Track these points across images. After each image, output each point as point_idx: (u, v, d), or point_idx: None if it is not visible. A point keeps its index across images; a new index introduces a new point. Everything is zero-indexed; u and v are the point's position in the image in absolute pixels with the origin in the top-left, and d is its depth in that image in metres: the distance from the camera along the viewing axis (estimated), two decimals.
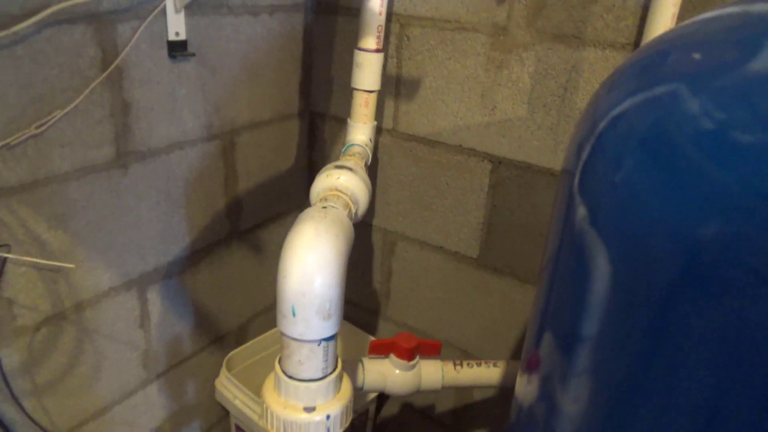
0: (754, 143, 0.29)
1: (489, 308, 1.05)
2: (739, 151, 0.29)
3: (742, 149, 0.29)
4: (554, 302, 0.48)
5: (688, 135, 0.32)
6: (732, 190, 0.28)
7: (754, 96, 0.30)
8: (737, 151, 0.29)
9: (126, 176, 0.83)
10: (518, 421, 0.56)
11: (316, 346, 0.55)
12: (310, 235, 0.53)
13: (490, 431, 1.17)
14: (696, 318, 0.30)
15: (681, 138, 0.32)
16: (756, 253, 0.26)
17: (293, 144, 1.16)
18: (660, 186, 0.32)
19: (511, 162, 0.94)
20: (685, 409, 0.33)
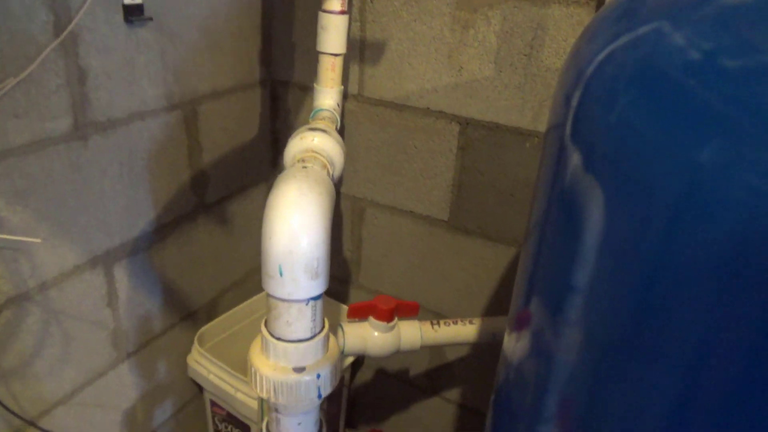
0: (741, 67, 0.30)
1: (461, 270, 1.06)
2: (727, 75, 0.30)
3: (730, 74, 0.30)
4: (545, 259, 0.48)
5: (677, 66, 0.33)
6: (725, 112, 0.29)
7: (736, 23, 0.31)
8: (726, 76, 0.30)
9: (86, 149, 0.80)
10: (507, 382, 0.57)
11: (305, 306, 0.54)
12: (293, 194, 0.53)
13: (463, 390, 1.19)
14: (695, 249, 0.31)
15: (670, 70, 0.33)
16: (753, 169, 0.27)
17: (256, 114, 1.14)
18: (655, 117, 0.33)
19: (479, 123, 0.94)
20: (682, 354, 0.34)
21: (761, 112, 0.27)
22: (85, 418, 0.93)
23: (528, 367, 0.51)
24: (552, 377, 0.46)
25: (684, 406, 0.34)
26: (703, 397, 0.33)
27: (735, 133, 0.28)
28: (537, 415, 0.48)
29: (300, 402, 0.58)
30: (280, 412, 0.60)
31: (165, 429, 1.12)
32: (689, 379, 0.34)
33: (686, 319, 0.33)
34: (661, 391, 0.35)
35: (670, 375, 0.35)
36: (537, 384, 0.48)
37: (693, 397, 0.34)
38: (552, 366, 0.46)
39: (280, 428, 0.61)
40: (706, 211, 0.29)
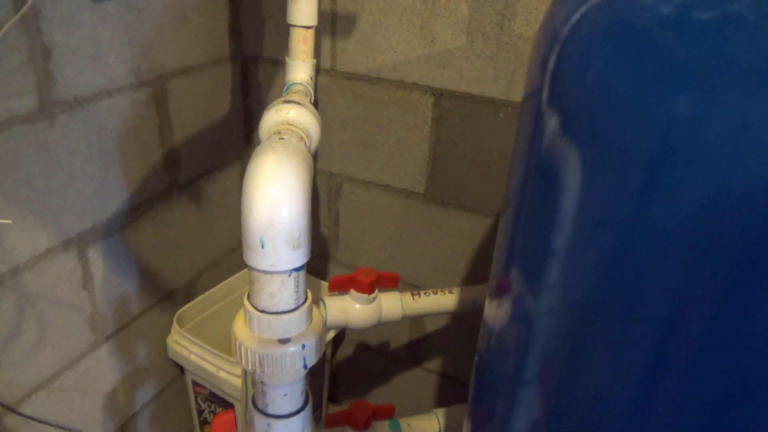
0: (712, 18, 0.30)
1: (438, 241, 1.07)
2: (700, 27, 0.31)
3: (702, 26, 0.31)
4: (524, 226, 0.48)
5: (650, 21, 0.34)
6: (698, 64, 0.30)
7: None
8: (698, 28, 0.31)
9: (54, 128, 0.78)
10: (489, 348, 0.58)
11: (287, 277, 0.54)
12: (272, 165, 0.52)
13: (443, 360, 1.21)
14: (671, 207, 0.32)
15: (644, 25, 0.34)
16: (727, 119, 0.28)
17: (227, 90, 1.12)
18: (630, 73, 0.33)
19: (453, 93, 0.94)
20: (659, 314, 0.35)
21: (733, 61, 0.28)
22: (65, 403, 0.92)
23: (509, 332, 0.52)
24: (532, 341, 0.47)
25: (660, 365, 0.35)
26: (679, 357, 0.34)
27: (709, 83, 0.29)
28: (519, 379, 0.49)
29: (286, 373, 0.58)
30: (266, 384, 0.60)
31: (147, 410, 1.12)
32: (666, 339, 0.35)
33: (663, 279, 0.34)
34: (639, 351, 0.36)
35: (647, 335, 0.36)
36: (518, 349, 0.49)
37: (669, 356, 0.35)
38: (532, 330, 0.47)
39: (266, 400, 0.62)
40: (682, 164, 0.30)
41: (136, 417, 1.09)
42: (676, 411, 0.36)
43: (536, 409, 0.47)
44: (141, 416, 1.10)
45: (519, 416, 0.49)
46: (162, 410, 1.16)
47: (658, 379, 0.36)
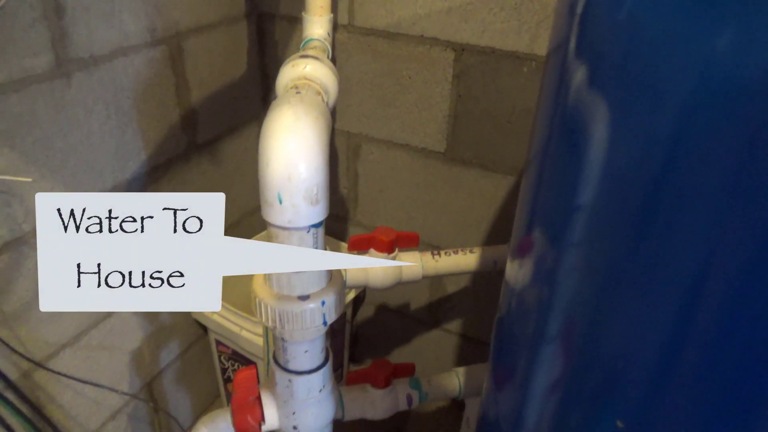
0: None
1: (459, 201, 1.06)
2: None
3: None
4: (547, 184, 0.47)
5: None
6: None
7: None
8: None
9: (70, 87, 0.77)
10: (510, 308, 0.57)
11: (306, 234, 0.54)
12: (289, 119, 0.51)
13: (463, 321, 1.21)
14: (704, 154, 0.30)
15: None
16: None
17: (243, 49, 1.10)
18: (666, 9, 0.31)
19: (475, 48, 0.91)
20: (685, 273, 0.33)
21: None
22: (92, 360, 0.94)
23: (531, 292, 0.51)
24: (555, 300, 0.46)
25: (685, 326, 0.34)
26: (705, 318, 0.33)
27: (752, 15, 0.27)
28: (540, 339, 0.49)
29: (306, 330, 0.58)
30: (287, 341, 0.60)
31: (172, 369, 1.14)
32: (693, 300, 0.34)
33: (694, 236, 0.32)
34: (664, 311, 0.35)
35: (673, 295, 0.34)
36: (540, 308, 0.48)
37: (695, 317, 0.34)
38: (555, 290, 0.46)
39: (287, 357, 0.62)
40: (722, 106, 0.28)
41: (162, 375, 1.12)
42: (700, 372, 0.34)
43: (557, 369, 0.46)
44: (166, 374, 1.13)
45: (540, 375, 0.48)
46: (186, 369, 1.18)
47: (682, 340, 0.35)
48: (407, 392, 0.82)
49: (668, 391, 0.36)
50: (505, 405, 0.54)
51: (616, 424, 0.37)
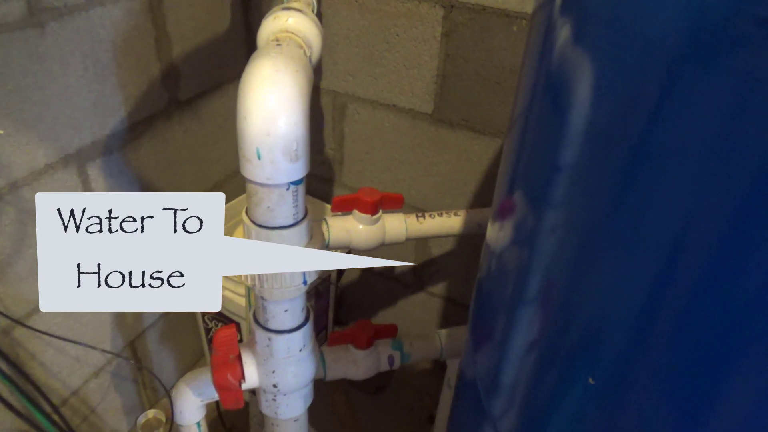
0: None
1: (445, 164, 1.05)
2: None
3: None
4: (530, 144, 0.46)
5: None
6: None
7: None
8: None
9: (44, 37, 0.74)
10: (490, 269, 0.57)
11: (285, 191, 0.53)
12: (268, 71, 0.49)
13: (448, 284, 1.22)
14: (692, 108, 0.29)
15: None
16: None
17: (227, 3, 1.06)
18: None
19: (464, 5, 0.89)
20: (664, 234, 0.33)
21: None
22: (73, 318, 0.93)
23: (510, 253, 0.50)
24: (534, 262, 0.45)
25: (663, 289, 0.34)
26: (683, 281, 0.33)
27: None
28: (518, 300, 0.48)
29: (286, 288, 0.58)
30: (267, 300, 0.60)
31: (156, 328, 1.14)
32: (671, 262, 0.33)
33: (674, 198, 0.32)
34: (642, 274, 0.35)
35: (651, 257, 0.34)
36: (519, 269, 0.48)
37: (673, 280, 0.33)
38: (534, 251, 0.45)
39: (267, 316, 0.62)
40: (708, 56, 0.27)
41: (145, 334, 1.11)
42: (676, 336, 0.34)
43: (535, 330, 0.46)
44: (150, 333, 1.13)
45: (518, 336, 0.49)
46: (170, 328, 1.18)
47: (659, 303, 0.34)
48: (389, 353, 0.83)
49: (642, 352, 0.36)
50: (483, 365, 0.55)
51: (588, 381, 0.38)
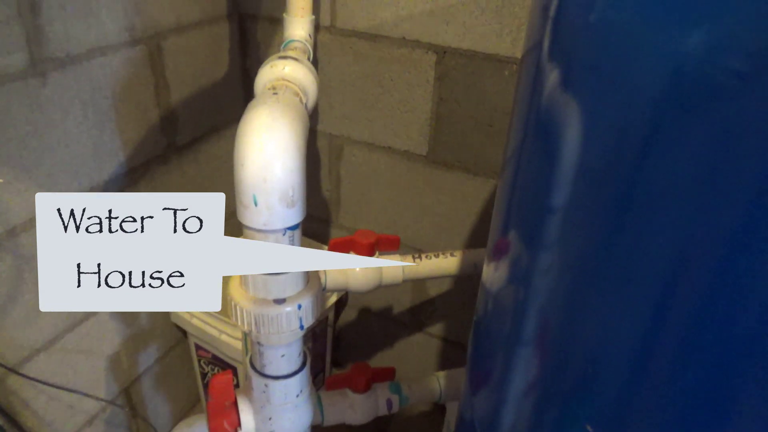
0: None
1: (441, 204, 1.06)
2: None
3: None
4: (522, 185, 0.47)
5: None
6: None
7: None
8: None
9: (45, 86, 0.76)
10: (487, 310, 0.57)
11: (282, 236, 0.53)
12: (265, 119, 0.50)
13: (446, 325, 1.21)
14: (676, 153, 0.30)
15: None
16: (743, 52, 0.26)
17: (224, 50, 1.09)
18: (637, 9, 0.31)
19: (457, 51, 0.91)
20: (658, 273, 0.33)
21: None
22: (68, 364, 0.92)
23: (506, 293, 0.51)
24: (530, 302, 0.46)
25: (659, 326, 0.34)
26: (679, 318, 0.33)
27: (725, 16, 0.27)
28: (516, 340, 0.48)
29: (282, 333, 0.58)
30: (263, 345, 0.60)
31: (151, 373, 1.12)
32: (666, 300, 0.34)
33: (666, 237, 0.32)
34: (637, 312, 0.35)
35: (646, 295, 0.34)
36: (515, 310, 0.48)
37: (668, 317, 0.34)
38: (529, 291, 0.46)
39: (264, 361, 0.61)
40: (693, 107, 0.28)
41: (140, 380, 1.10)
42: (674, 373, 0.34)
43: (533, 371, 0.46)
44: (145, 379, 1.11)
45: (516, 377, 0.48)
46: (166, 373, 1.17)
47: (656, 340, 0.35)
48: (387, 396, 0.82)
49: (640, 394, 0.36)
50: (481, 407, 0.54)
51: (586, 428, 0.37)
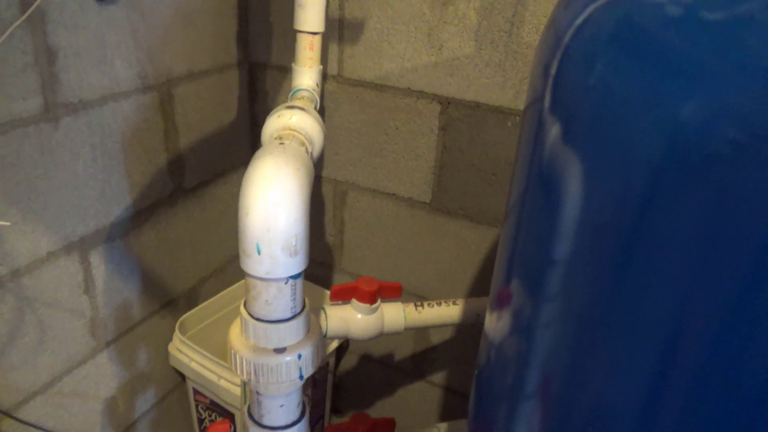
0: (721, 19, 0.29)
1: (444, 252, 1.06)
2: (708, 28, 0.29)
3: (710, 26, 0.29)
4: (524, 236, 0.47)
5: (656, 22, 0.32)
6: (706, 65, 0.28)
7: None
8: (707, 28, 0.29)
9: (57, 131, 0.77)
10: (489, 361, 0.56)
11: (284, 285, 0.53)
12: (270, 169, 0.51)
13: (448, 373, 1.19)
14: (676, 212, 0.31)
15: (650, 26, 0.33)
16: (737, 122, 0.26)
17: (234, 96, 1.11)
18: (635, 75, 0.32)
19: (460, 102, 0.93)
20: (662, 325, 0.33)
21: (743, 63, 0.27)
22: (64, 408, 0.91)
23: (509, 344, 0.50)
24: (532, 352, 0.45)
25: (663, 377, 0.34)
26: (681, 370, 0.33)
27: (716, 86, 0.27)
28: (519, 393, 0.48)
29: (281, 383, 0.57)
30: (262, 394, 0.59)
31: (148, 418, 1.11)
32: (669, 350, 0.33)
33: (667, 285, 0.33)
34: (641, 363, 0.35)
35: (650, 345, 0.34)
36: (518, 361, 0.48)
37: (672, 367, 0.34)
38: (532, 342, 0.45)
39: (262, 411, 0.60)
40: (689, 171, 0.29)
41: (136, 424, 1.08)
42: (679, 423, 0.34)
43: (536, 423, 0.45)
44: (141, 424, 1.09)
45: (519, 430, 0.47)
46: (163, 418, 1.15)
47: (660, 391, 0.34)
48: None
49: None
50: None
51: None
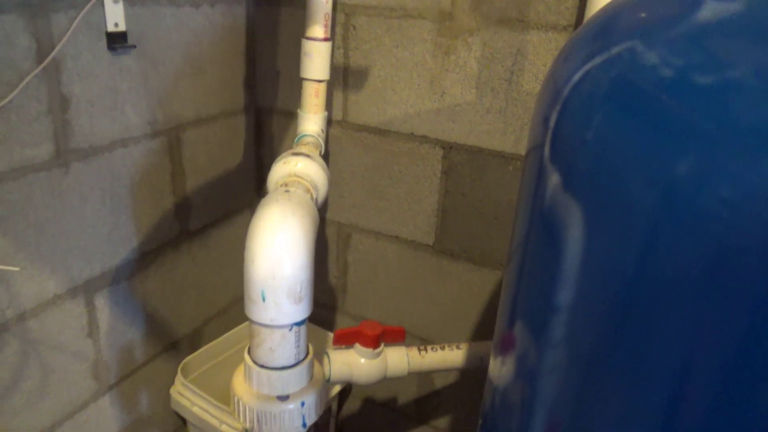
0: (711, 83, 0.30)
1: (447, 294, 1.06)
2: (699, 91, 0.31)
3: (701, 89, 0.31)
4: (527, 281, 0.48)
5: (650, 83, 0.34)
6: (697, 126, 0.30)
7: (705, 41, 0.32)
8: (697, 91, 0.31)
9: (67, 175, 0.79)
10: (493, 407, 0.56)
11: (288, 332, 0.53)
12: (276, 217, 0.52)
13: (452, 418, 1.18)
14: (674, 262, 0.31)
15: (644, 86, 0.34)
16: (727, 181, 0.27)
17: (240, 140, 1.14)
18: (630, 133, 0.33)
19: (462, 147, 0.95)
20: (666, 368, 0.34)
21: (732, 125, 0.28)
22: None
23: (513, 389, 0.50)
24: (537, 399, 0.45)
25: (670, 422, 0.34)
26: (686, 416, 0.33)
27: (707, 146, 0.29)
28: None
29: (284, 431, 0.57)
30: None
31: None
32: (675, 395, 0.34)
33: (669, 333, 0.33)
34: (647, 408, 0.35)
35: (655, 391, 0.34)
36: (523, 406, 0.48)
37: (679, 412, 0.34)
38: (537, 387, 0.45)
39: None
40: (684, 224, 0.29)
41: None
42: None
43: None
44: None
45: None
46: None
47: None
48: None
49: None
50: None
51: None
